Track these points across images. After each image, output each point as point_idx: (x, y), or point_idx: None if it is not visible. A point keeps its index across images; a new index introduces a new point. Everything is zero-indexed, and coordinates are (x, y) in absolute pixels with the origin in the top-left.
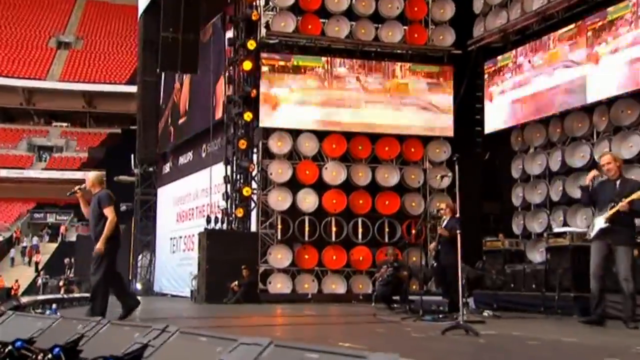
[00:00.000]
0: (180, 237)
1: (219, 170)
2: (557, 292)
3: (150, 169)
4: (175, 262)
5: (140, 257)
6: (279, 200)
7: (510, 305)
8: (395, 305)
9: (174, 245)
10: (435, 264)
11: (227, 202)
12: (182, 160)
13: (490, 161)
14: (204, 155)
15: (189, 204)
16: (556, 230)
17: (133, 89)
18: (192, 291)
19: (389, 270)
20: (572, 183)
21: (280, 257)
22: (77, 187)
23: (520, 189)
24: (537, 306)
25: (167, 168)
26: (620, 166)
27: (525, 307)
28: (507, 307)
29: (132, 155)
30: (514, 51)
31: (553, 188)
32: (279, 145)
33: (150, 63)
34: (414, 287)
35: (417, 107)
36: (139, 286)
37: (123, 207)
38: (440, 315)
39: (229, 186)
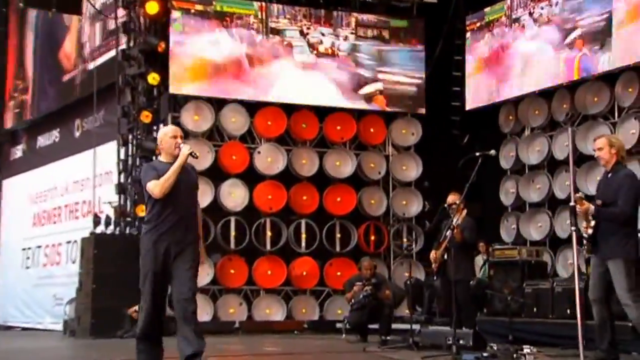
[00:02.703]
0: (39, 247)
1: (105, 154)
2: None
3: None
4: (30, 282)
5: None
6: None
7: (531, 337)
8: (387, 338)
9: (28, 258)
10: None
11: (121, 197)
12: (43, 141)
13: (470, 146)
14: (77, 133)
15: (53, 200)
16: None
17: None
18: (65, 321)
19: (366, 290)
20: (583, 175)
21: None
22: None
23: (512, 183)
24: (573, 338)
25: (17, 152)
26: (617, 154)
27: (555, 340)
28: (526, 338)
29: None
30: (508, 1)
31: (557, 182)
32: (195, 120)
33: None
34: None
35: (378, 73)
36: None
37: None
38: (485, 354)
39: (123, 176)
